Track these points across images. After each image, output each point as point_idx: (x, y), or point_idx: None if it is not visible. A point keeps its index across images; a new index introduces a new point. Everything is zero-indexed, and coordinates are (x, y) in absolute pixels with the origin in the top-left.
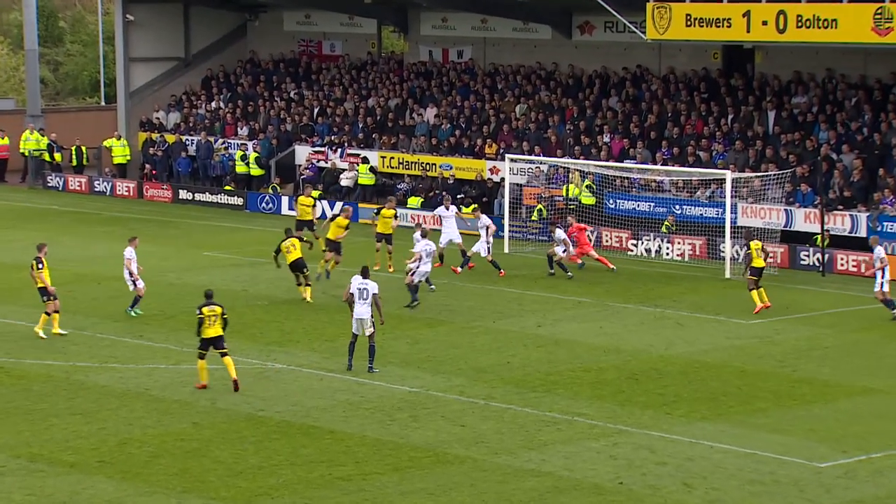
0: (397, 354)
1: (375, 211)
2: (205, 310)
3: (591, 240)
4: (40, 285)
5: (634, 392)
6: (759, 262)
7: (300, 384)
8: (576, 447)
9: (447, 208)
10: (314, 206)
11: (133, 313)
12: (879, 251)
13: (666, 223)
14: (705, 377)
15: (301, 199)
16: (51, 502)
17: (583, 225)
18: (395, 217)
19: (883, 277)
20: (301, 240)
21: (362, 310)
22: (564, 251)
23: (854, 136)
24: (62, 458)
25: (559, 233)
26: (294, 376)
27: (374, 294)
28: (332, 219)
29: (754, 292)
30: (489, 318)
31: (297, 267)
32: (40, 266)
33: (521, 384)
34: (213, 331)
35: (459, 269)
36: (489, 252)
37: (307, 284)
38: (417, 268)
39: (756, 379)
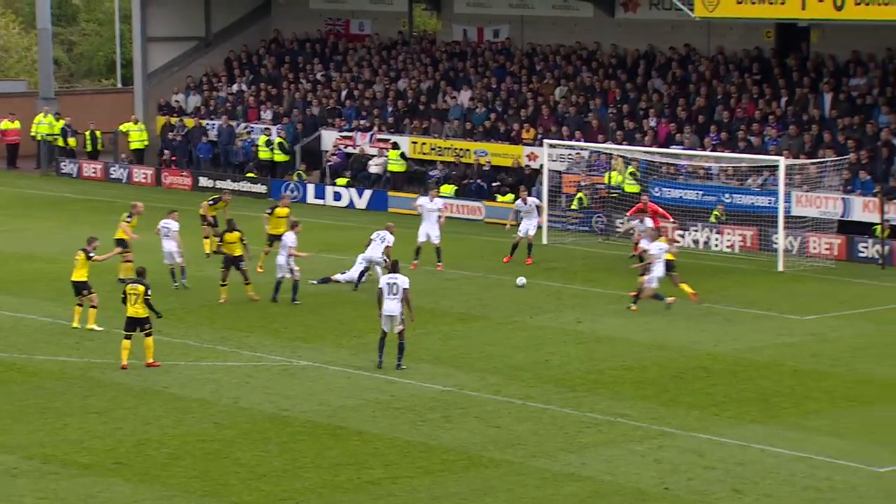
0: (429, 351)
1: (269, 209)
2: (127, 287)
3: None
4: (78, 279)
5: (680, 392)
6: (668, 256)
7: (326, 382)
8: (618, 450)
9: (525, 202)
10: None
11: (186, 284)
12: (654, 246)
13: (715, 213)
14: (755, 376)
15: (278, 210)
16: None
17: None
18: (294, 223)
19: (653, 272)
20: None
21: (392, 305)
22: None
23: None
24: (77, 459)
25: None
26: (320, 374)
27: (404, 289)
28: (272, 210)
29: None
30: (526, 313)
31: (233, 262)
32: (90, 256)
33: (560, 383)
34: (134, 310)
35: (530, 260)
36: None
37: (247, 282)
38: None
39: (810, 378)
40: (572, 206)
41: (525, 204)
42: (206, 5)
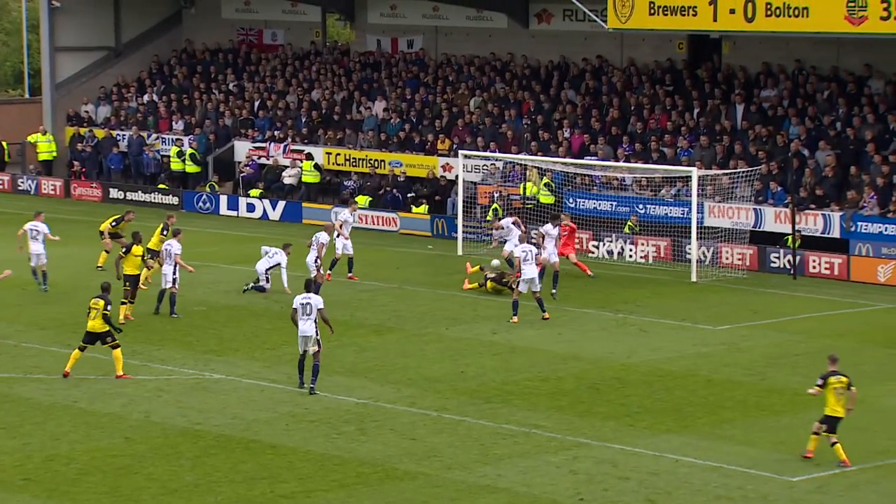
0: (344, 363)
1: (124, 249)
2: (91, 301)
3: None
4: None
5: (595, 402)
6: None
7: (240, 395)
8: (533, 461)
9: (501, 227)
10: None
11: (46, 289)
12: (519, 248)
13: (629, 223)
14: (670, 386)
15: (136, 250)
16: None
17: (574, 226)
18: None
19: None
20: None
21: (306, 326)
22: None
23: (826, 132)
24: None
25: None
26: (233, 387)
27: (318, 309)
28: (128, 249)
29: None
30: (441, 324)
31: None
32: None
33: (476, 394)
34: (93, 324)
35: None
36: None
37: (130, 301)
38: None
39: (723, 388)
40: (487, 217)
41: (502, 230)
42: (116, 15)
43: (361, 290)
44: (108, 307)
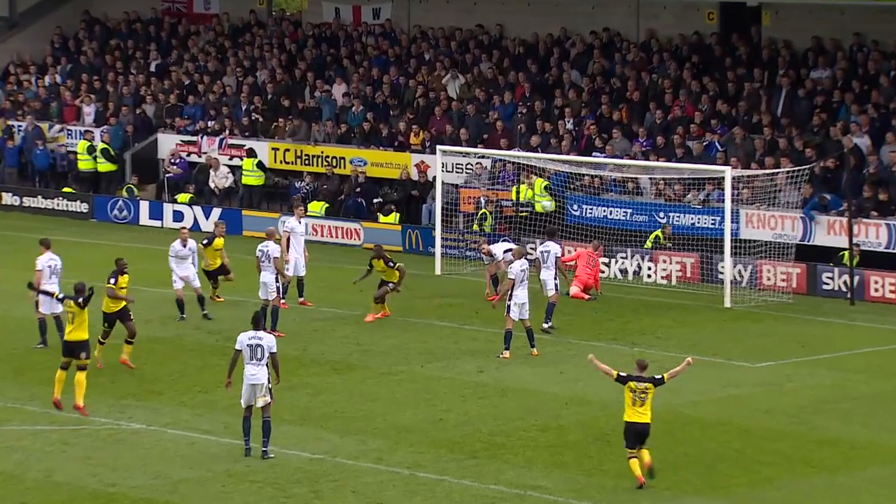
0: (294, 409)
1: (205, 241)
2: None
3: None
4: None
5: (605, 458)
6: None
7: (164, 449)
8: None
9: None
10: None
11: None
12: (514, 266)
13: (656, 234)
14: (698, 438)
15: (216, 241)
16: None
17: (591, 250)
18: None
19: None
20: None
21: (257, 372)
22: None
23: (890, 122)
24: None
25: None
26: (156, 439)
27: (271, 353)
28: (209, 242)
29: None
30: (415, 361)
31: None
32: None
33: (458, 448)
34: (77, 334)
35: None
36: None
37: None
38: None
39: (763, 440)
40: (473, 228)
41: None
42: None
43: (316, 318)
44: (81, 303)
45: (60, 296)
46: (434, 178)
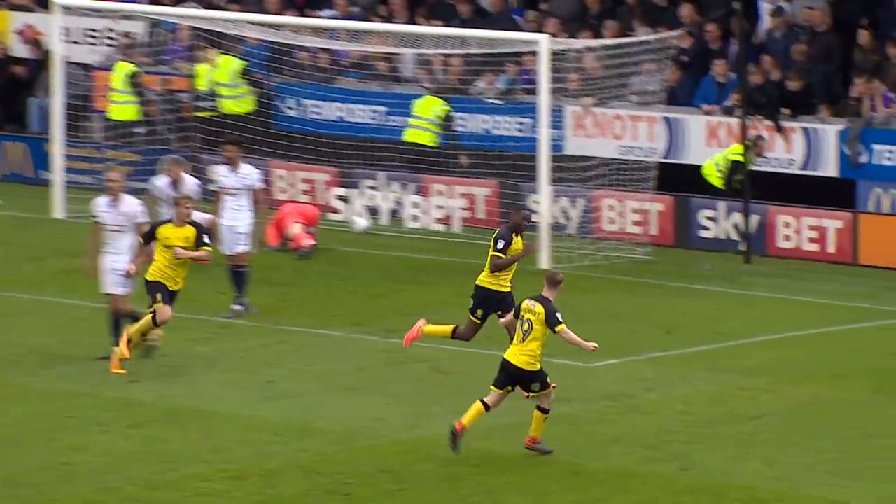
0: None
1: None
2: None
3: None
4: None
5: None
6: None
7: None
8: None
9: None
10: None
11: None
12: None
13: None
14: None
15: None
16: None
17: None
18: None
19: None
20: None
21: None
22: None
23: None
24: None
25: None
26: None
27: None
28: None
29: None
30: (24, 366)
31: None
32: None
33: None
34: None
35: None
36: None
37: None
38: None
39: (603, 490)
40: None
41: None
42: None
43: None
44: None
45: None
46: (47, 51)
